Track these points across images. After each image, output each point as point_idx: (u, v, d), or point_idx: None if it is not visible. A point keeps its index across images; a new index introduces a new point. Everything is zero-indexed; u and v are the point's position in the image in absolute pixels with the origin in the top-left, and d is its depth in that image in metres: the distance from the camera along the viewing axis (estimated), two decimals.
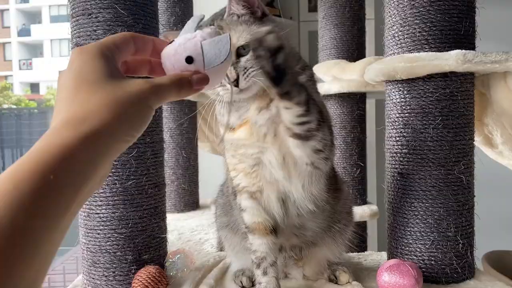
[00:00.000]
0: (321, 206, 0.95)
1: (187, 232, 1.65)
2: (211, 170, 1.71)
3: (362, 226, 1.87)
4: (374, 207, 1.91)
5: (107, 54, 0.49)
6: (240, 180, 0.92)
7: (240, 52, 0.79)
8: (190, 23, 0.61)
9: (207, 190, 2.04)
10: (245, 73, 0.78)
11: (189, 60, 0.55)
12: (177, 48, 0.56)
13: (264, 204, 0.93)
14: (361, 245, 1.81)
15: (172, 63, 0.56)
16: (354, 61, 1.77)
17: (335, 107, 1.85)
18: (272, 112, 0.83)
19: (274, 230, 0.94)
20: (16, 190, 0.37)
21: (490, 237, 1.55)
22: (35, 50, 20.00)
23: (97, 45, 0.50)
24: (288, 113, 0.78)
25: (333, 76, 1.75)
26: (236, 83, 0.78)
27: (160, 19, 1.14)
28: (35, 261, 0.38)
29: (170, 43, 0.57)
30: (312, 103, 0.79)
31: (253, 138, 0.85)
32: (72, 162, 0.41)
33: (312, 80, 0.92)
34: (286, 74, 0.73)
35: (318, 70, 1.85)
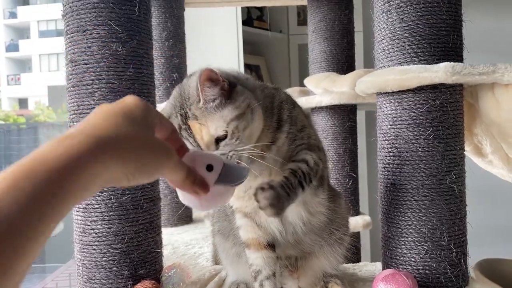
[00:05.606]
0: (320, 217, 0.97)
1: (181, 246, 1.64)
2: None
3: (355, 237, 1.88)
4: (367, 218, 1.91)
5: (155, 121, 0.55)
6: (232, 202, 0.95)
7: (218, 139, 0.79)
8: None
9: None
10: (227, 157, 0.78)
11: (209, 168, 0.63)
12: (206, 154, 0.66)
13: (259, 221, 0.94)
14: (354, 256, 1.82)
15: (194, 161, 0.62)
16: (344, 73, 1.79)
17: (327, 119, 1.86)
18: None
19: (269, 244, 0.95)
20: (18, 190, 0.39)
21: (482, 245, 1.57)
22: (24, 65, 19.87)
23: (154, 109, 0.56)
24: None
25: (324, 89, 1.77)
26: None
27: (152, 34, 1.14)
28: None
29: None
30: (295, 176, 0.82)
31: None
32: (85, 175, 0.44)
33: (294, 108, 0.94)
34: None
35: (309, 83, 1.87)
